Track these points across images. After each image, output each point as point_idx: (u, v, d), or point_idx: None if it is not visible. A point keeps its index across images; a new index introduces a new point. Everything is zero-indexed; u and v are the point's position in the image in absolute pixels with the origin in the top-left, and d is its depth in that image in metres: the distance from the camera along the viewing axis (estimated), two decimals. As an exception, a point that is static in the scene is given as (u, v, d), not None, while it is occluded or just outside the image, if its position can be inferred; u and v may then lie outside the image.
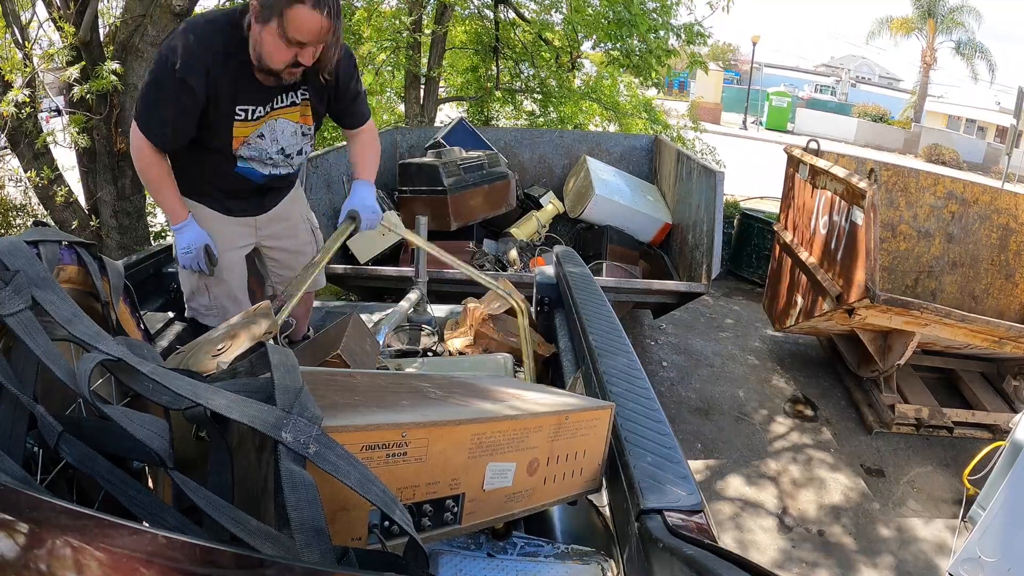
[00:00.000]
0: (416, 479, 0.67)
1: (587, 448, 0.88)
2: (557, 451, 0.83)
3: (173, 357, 1.36)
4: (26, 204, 4.49)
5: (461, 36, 7.67)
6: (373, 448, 0.63)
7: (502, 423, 0.75)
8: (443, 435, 0.69)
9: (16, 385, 0.67)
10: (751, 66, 24.16)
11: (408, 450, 0.65)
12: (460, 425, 0.70)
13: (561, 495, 0.87)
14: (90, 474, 0.65)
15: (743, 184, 7.57)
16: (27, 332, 0.67)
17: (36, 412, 0.65)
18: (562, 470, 0.85)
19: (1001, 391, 3.99)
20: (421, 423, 0.67)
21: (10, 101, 3.04)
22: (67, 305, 0.72)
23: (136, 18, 3.23)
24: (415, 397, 0.79)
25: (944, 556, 2.79)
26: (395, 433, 0.64)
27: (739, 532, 2.90)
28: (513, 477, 0.78)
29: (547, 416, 0.80)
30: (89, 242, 0.96)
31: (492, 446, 0.74)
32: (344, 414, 0.64)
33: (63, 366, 0.65)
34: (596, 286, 1.63)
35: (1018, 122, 11.76)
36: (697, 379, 4.23)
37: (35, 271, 0.74)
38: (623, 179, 4.93)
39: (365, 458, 0.61)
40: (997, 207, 4.72)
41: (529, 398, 0.91)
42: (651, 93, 8.73)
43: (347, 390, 0.75)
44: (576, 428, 0.85)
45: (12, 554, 0.44)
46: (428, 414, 0.69)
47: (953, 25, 22.45)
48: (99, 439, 0.67)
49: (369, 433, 0.62)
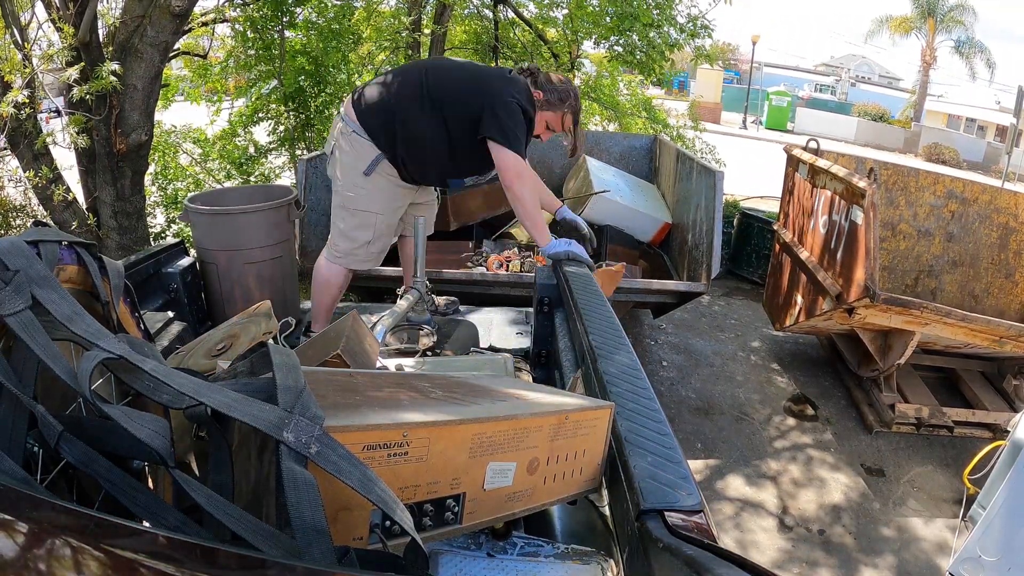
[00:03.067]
0: (417, 479, 0.67)
1: (587, 448, 0.88)
2: (557, 451, 0.83)
3: (173, 357, 1.36)
4: (26, 205, 4.49)
5: (460, 36, 7.67)
6: (374, 448, 0.62)
7: (503, 423, 0.75)
8: (444, 435, 0.69)
9: (16, 384, 0.67)
10: (751, 65, 24.16)
11: (409, 450, 0.65)
12: (461, 425, 0.70)
13: (561, 494, 0.87)
14: (90, 473, 0.65)
15: (743, 183, 7.57)
16: (27, 332, 0.67)
17: (36, 412, 0.65)
18: (562, 469, 0.85)
19: (1001, 390, 3.99)
20: (422, 423, 0.66)
21: (10, 102, 3.04)
22: (68, 303, 0.72)
23: (135, 19, 3.22)
24: (416, 397, 0.79)
25: (944, 556, 2.79)
26: (396, 433, 0.64)
27: (739, 532, 2.90)
28: (513, 476, 0.78)
29: (547, 416, 0.81)
30: (89, 242, 0.95)
31: (493, 446, 0.74)
32: (345, 414, 0.63)
33: (63, 365, 0.65)
34: (596, 286, 1.63)
35: (1018, 121, 11.76)
36: (697, 379, 4.23)
37: (35, 270, 0.74)
38: (623, 179, 4.93)
39: (366, 458, 0.61)
40: (997, 206, 4.72)
41: (529, 398, 0.91)
42: (651, 92, 8.72)
43: (348, 390, 0.75)
44: (576, 428, 0.85)
45: (12, 554, 0.44)
46: (429, 413, 0.69)
47: (952, 24, 22.45)
48: (99, 438, 0.67)
49: (370, 433, 0.62)
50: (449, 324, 2.39)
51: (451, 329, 2.32)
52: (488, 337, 2.48)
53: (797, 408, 3.97)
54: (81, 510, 0.48)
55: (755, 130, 22.13)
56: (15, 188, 4.45)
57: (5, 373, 0.67)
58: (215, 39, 5.26)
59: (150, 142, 3.57)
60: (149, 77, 3.30)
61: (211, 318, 2.69)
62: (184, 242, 2.77)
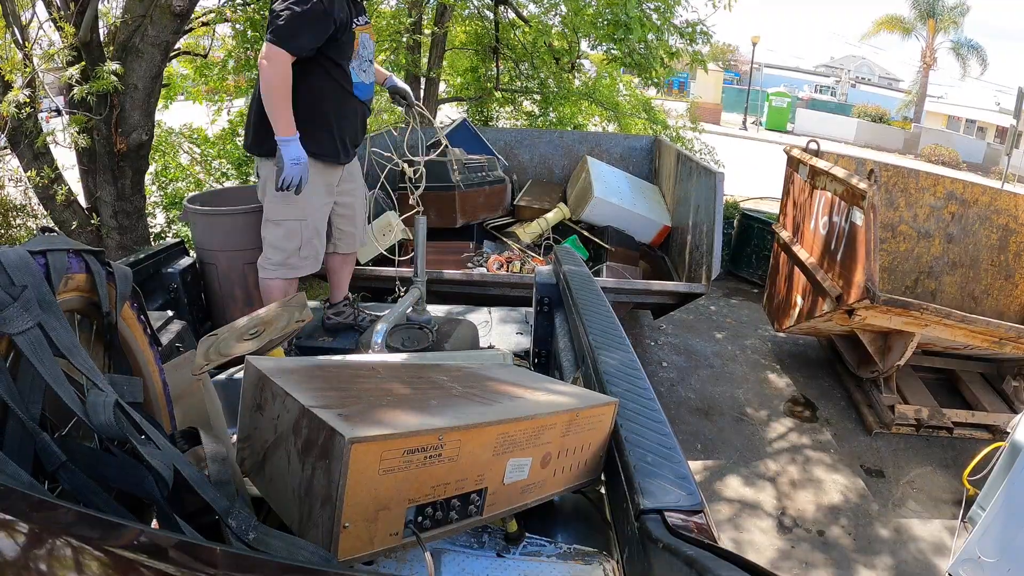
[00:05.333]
0: (448, 477, 0.72)
1: (592, 441, 0.93)
2: (567, 445, 0.88)
3: (205, 339, 1.38)
4: (26, 204, 4.48)
5: (461, 37, 7.67)
6: (413, 452, 0.67)
7: (524, 423, 0.80)
8: (474, 436, 0.73)
9: (22, 407, 0.67)
10: (751, 66, 24.17)
11: (443, 451, 0.70)
12: (489, 427, 0.75)
13: (567, 485, 0.92)
14: (88, 506, 0.66)
15: (743, 184, 7.57)
16: (36, 354, 0.68)
17: (38, 440, 0.66)
18: (569, 462, 0.90)
19: (1001, 392, 3.99)
20: (456, 427, 0.71)
21: (10, 101, 3.04)
22: (68, 334, 0.74)
23: (136, 18, 3.22)
24: (440, 395, 0.84)
25: (943, 557, 2.79)
26: (433, 437, 0.69)
27: (738, 532, 2.90)
28: (529, 470, 0.83)
29: (561, 414, 0.86)
30: (97, 249, 0.95)
31: (514, 444, 0.80)
32: (385, 419, 0.68)
33: (70, 392, 0.67)
34: (596, 286, 1.63)
35: (1018, 122, 11.77)
36: (697, 379, 4.23)
37: (42, 292, 0.74)
38: (624, 180, 4.93)
39: (406, 462, 0.67)
40: (997, 208, 4.72)
41: (541, 394, 0.96)
42: (651, 93, 8.72)
43: (376, 387, 0.81)
44: (584, 424, 0.90)
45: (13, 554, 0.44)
46: (460, 416, 0.74)
47: (952, 24, 22.46)
48: (99, 470, 0.70)
49: (411, 439, 0.67)
50: (449, 324, 2.39)
51: (451, 329, 2.33)
52: (488, 337, 2.48)
53: (797, 409, 3.97)
54: (83, 511, 0.48)
55: (755, 131, 22.13)
56: (15, 188, 4.45)
57: (11, 394, 0.67)
58: (215, 39, 5.25)
59: (151, 142, 3.57)
60: (150, 77, 3.30)
61: (211, 318, 2.69)
62: (184, 242, 2.77)
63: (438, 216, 4.13)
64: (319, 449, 0.65)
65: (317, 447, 0.65)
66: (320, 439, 0.65)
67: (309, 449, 0.66)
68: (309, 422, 0.67)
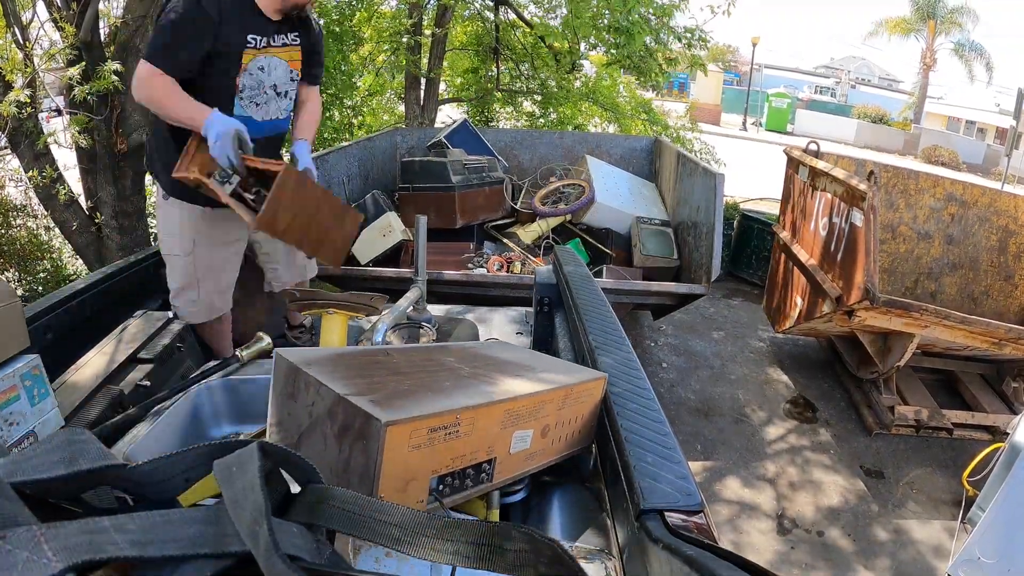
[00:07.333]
0: (464, 450, 0.83)
1: (583, 413, 1.04)
2: (563, 417, 1.00)
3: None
4: (26, 204, 4.48)
5: (461, 37, 7.68)
6: (436, 430, 0.78)
7: (526, 400, 0.91)
8: (485, 414, 0.85)
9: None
10: (751, 67, 24.18)
11: (460, 428, 0.81)
12: (497, 404, 0.87)
13: (563, 452, 1.03)
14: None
15: (743, 185, 7.57)
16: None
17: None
18: (564, 432, 1.02)
19: (1000, 393, 3.99)
20: (470, 406, 0.82)
21: (11, 101, 3.04)
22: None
23: (137, 19, 3.23)
24: (452, 377, 0.95)
25: (943, 558, 2.79)
26: (451, 416, 0.79)
27: (737, 534, 2.90)
28: (531, 441, 0.95)
29: (558, 390, 0.97)
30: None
31: (519, 418, 0.91)
32: (409, 403, 0.79)
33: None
34: (596, 286, 1.63)
35: (1018, 123, 11.77)
36: (697, 380, 4.23)
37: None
38: (624, 181, 4.93)
39: (431, 439, 0.77)
40: (997, 209, 4.72)
41: (539, 371, 1.08)
42: (649, 95, 8.73)
43: (394, 373, 0.92)
44: (578, 397, 1.02)
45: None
46: (472, 396, 0.86)
47: (952, 26, 22.48)
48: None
49: (433, 420, 0.77)
50: (449, 323, 2.39)
51: (451, 328, 2.33)
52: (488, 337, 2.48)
53: (796, 410, 3.97)
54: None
55: (755, 132, 22.14)
56: (15, 188, 4.45)
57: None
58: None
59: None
60: (150, 77, 3.30)
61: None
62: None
63: (438, 217, 4.14)
64: (355, 432, 0.74)
65: (353, 430, 0.74)
66: (356, 423, 0.74)
67: (345, 432, 0.76)
68: (345, 408, 0.76)
